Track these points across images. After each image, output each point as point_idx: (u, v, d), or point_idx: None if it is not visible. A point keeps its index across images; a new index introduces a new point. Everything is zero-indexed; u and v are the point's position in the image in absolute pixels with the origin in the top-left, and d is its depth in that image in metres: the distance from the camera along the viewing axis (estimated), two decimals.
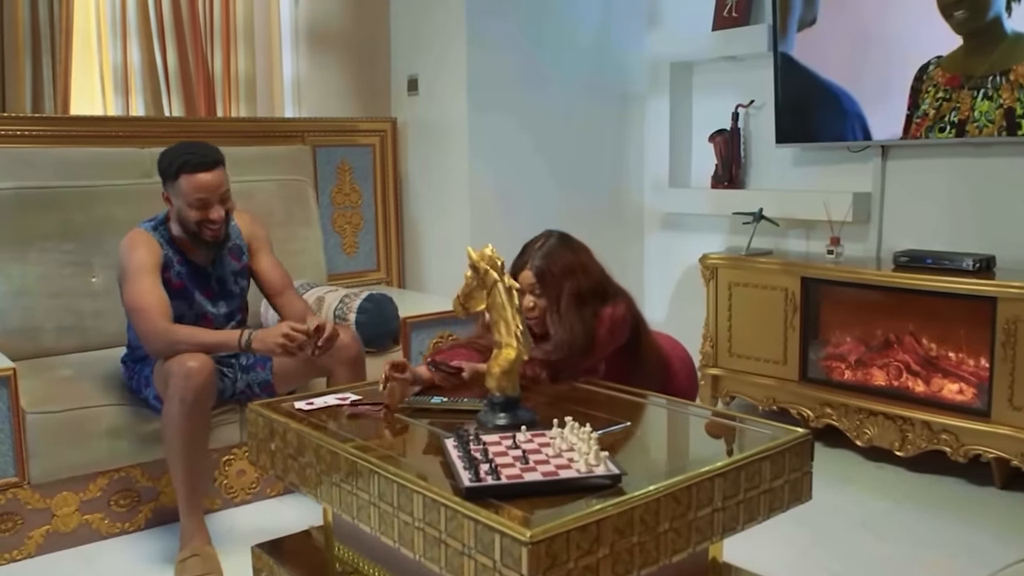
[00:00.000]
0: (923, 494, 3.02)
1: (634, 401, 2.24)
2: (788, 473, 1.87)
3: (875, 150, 3.58)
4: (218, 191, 2.55)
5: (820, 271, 3.38)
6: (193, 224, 2.55)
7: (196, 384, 2.42)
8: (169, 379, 2.44)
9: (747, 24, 3.91)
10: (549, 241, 2.36)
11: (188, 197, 2.51)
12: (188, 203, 2.52)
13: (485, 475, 1.59)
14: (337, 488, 1.86)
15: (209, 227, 2.56)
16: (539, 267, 2.31)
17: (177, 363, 2.43)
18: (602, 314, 2.34)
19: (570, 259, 2.34)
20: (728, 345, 3.68)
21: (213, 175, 2.53)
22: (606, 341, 2.36)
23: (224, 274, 2.72)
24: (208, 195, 2.52)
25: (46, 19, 3.40)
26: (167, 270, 2.58)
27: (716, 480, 1.70)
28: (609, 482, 1.61)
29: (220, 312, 2.71)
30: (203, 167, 2.52)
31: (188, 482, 2.48)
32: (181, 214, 2.55)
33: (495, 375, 1.97)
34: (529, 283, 2.31)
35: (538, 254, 2.33)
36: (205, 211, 2.53)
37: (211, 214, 2.54)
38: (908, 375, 3.20)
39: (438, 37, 4.00)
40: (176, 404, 2.42)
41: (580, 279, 2.32)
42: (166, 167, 2.55)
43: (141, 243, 2.56)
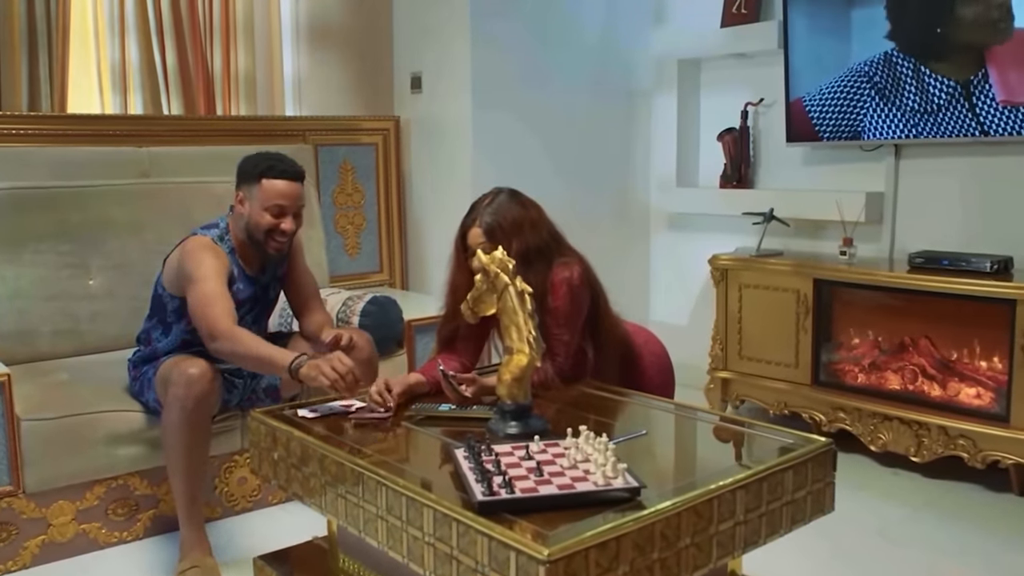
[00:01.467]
0: (940, 501, 2.95)
1: (648, 408, 2.17)
2: (811, 484, 1.81)
3: (888, 149, 3.51)
4: (296, 202, 2.51)
5: (833, 272, 3.32)
6: (263, 231, 2.49)
7: (197, 392, 2.36)
8: (169, 386, 2.38)
9: (757, 21, 3.85)
10: (498, 197, 2.28)
11: (267, 201, 2.46)
12: (265, 207, 2.47)
13: (498, 488, 1.53)
14: (343, 500, 1.79)
15: (277, 238, 2.50)
16: (488, 223, 2.23)
17: (178, 370, 2.38)
18: (554, 278, 2.23)
19: (519, 214, 2.25)
20: (738, 348, 3.61)
21: (296, 186, 2.51)
22: (568, 309, 2.24)
23: (267, 281, 2.68)
24: (287, 203, 2.48)
25: (43, 15, 3.34)
26: (230, 284, 2.50)
27: (738, 492, 1.64)
28: (628, 495, 1.55)
29: (251, 319, 2.64)
30: (289, 175, 2.49)
31: (188, 491, 2.42)
32: (252, 219, 2.49)
33: (506, 382, 1.90)
34: (478, 241, 2.23)
35: (487, 210, 2.25)
36: (279, 219, 2.48)
37: (284, 224, 2.49)
38: (924, 379, 3.14)
39: (442, 34, 3.93)
40: (176, 412, 2.36)
41: (528, 236, 2.24)
42: (250, 168, 2.51)
43: (211, 250, 2.48)
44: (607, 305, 2.38)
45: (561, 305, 2.24)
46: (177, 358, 2.48)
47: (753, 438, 1.97)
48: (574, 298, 2.25)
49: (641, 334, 2.54)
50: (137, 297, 2.99)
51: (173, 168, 3.31)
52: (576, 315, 2.27)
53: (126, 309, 3.04)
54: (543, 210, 2.34)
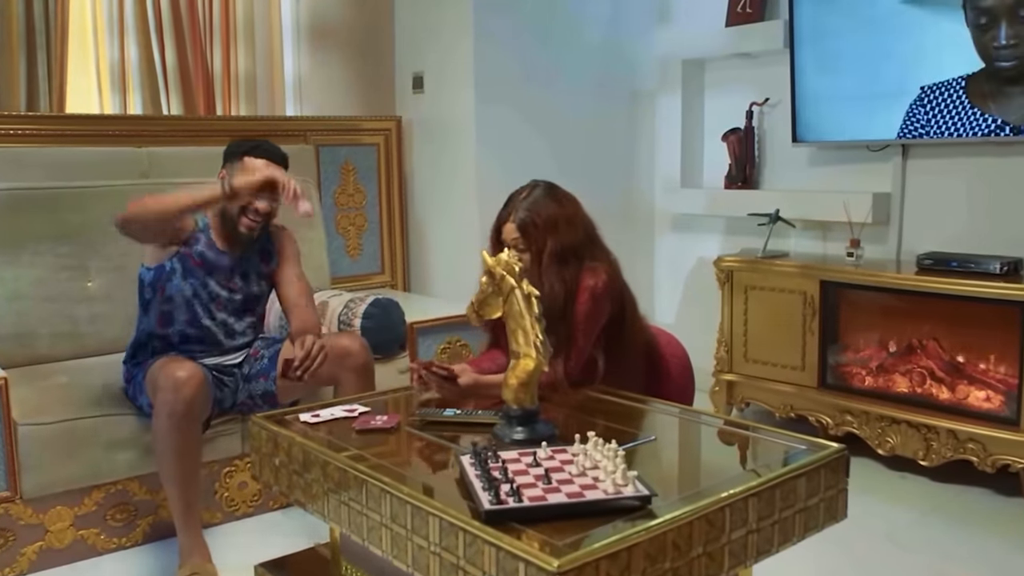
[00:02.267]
0: (949, 505, 2.92)
1: (656, 413, 2.14)
2: (823, 491, 1.78)
3: (895, 149, 3.48)
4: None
5: (840, 274, 3.28)
6: (236, 209, 2.52)
7: (185, 395, 2.32)
8: (157, 391, 2.35)
9: (762, 20, 3.81)
10: (535, 192, 2.24)
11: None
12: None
13: (506, 497, 1.49)
14: (346, 507, 1.75)
15: (250, 216, 2.53)
16: (522, 219, 2.19)
17: (165, 374, 2.34)
18: (581, 285, 2.19)
19: (554, 211, 2.21)
20: (743, 350, 3.58)
21: (275, 168, 2.53)
22: (587, 316, 2.19)
23: (248, 270, 2.66)
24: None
25: (41, 15, 3.31)
26: (190, 244, 2.55)
27: (750, 500, 1.60)
28: (638, 504, 1.51)
29: (231, 306, 2.62)
30: (271, 156, 2.56)
31: (183, 497, 2.38)
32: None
33: (512, 387, 1.87)
34: (512, 237, 2.20)
35: (522, 205, 2.21)
36: (253, 198, 2.50)
37: (258, 203, 2.51)
38: (932, 382, 3.10)
39: (444, 33, 3.90)
40: (164, 418, 2.32)
41: (563, 234, 2.19)
42: (235, 147, 2.59)
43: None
44: (635, 312, 2.34)
45: (581, 311, 2.20)
46: (164, 360, 2.45)
47: (764, 444, 1.93)
48: (595, 306, 2.21)
49: (663, 337, 2.51)
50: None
51: (173, 169, 3.27)
52: (594, 323, 2.23)
53: (125, 311, 2.99)
54: (580, 205, 2.29)
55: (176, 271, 2.55)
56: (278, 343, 2.73)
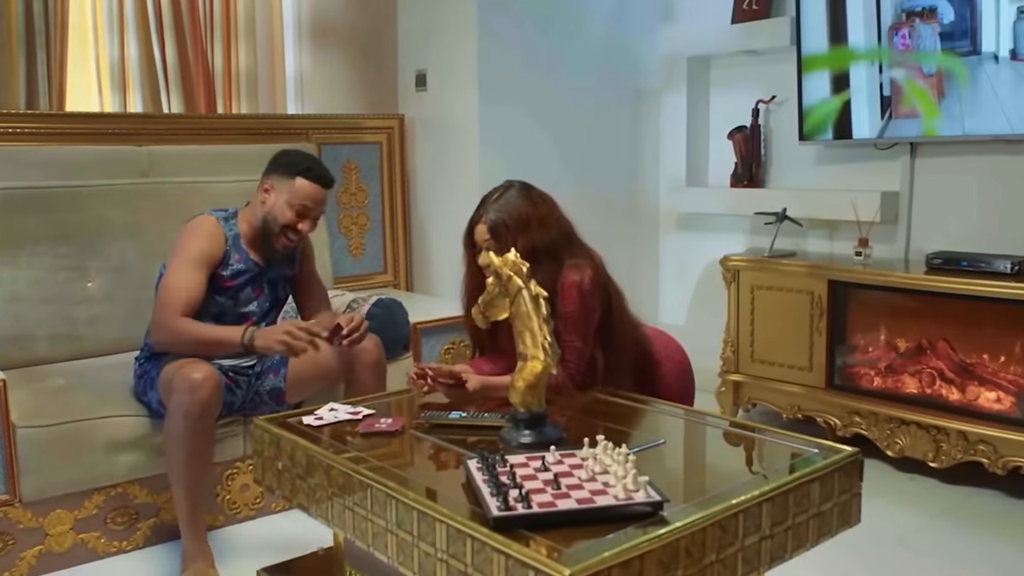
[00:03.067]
0: (959, 508, 2.88)
1: (664, 415, 2.10)
2: (837, 495, 1.75)
3: (903, 147, 3.44)
4: (321, 209, 2.56)
5: (849, 273, 3.24)
6: (279, 226, 2.50)
7: (201, 397, 2.29)
8: (172, 392, 2.32)
9: (768, 17, 3.77)
10: (507, 192, 2.20)
11: (295, 199, 2.49)
12: (291, 204, 2.49)
13: (515, 503, 1.46)
14: (350, 512, 1.72)
15: (290, 235, 2.52)
16: (493, 220, 2.15)
17: (181, 375, 2.31)
18: (564, 281, 2.14)
19: (526, 211, 2.16)
20: (750, 350, 3.54)
21: (325, 193, 2.55)
22: (579, 314, 2.14)
23: (276, 278, 2.65)
24: (314, 207, 2.52)
25: (40, 12, 3.27)
26: (223, 266, 2.51)
27: (764, 506, 1.57)
28: (650, 510, 1.48)
29: (259, 310, 2.61)
30: (325, 182, 2.54)
31: (190, 499, 2.36)
32: (274, 211, 2.51)
33: (519, 389, 1.83)
34: (484, 238, 2.16)
35: (493, 206, 2.17)
36: (300, 220, 2.51)
37: (302, 225, 2.52)
38: (942, 382, 3.06)
39: (447, 30, 3.86)
40: (180, 419, 2.29)
41: (536, 234, 2.14)
42: (288, 162, 2.54)
43: (207, 233, 2.50)
44: (622, 307, 2.29)
45: (571, 310, 2.15)
46: (180, 361, 2.41)
47: (775, 447, 1.90)
48: (584, 303, 2.16)
49: (660, 338, 2.46)
50: (136, 300, 2.93)
51: (173, 168, 3.24)
52: (587, 320, 2.18)
53: (125, 312, 2.98)
54: (556, 205, 2.25)
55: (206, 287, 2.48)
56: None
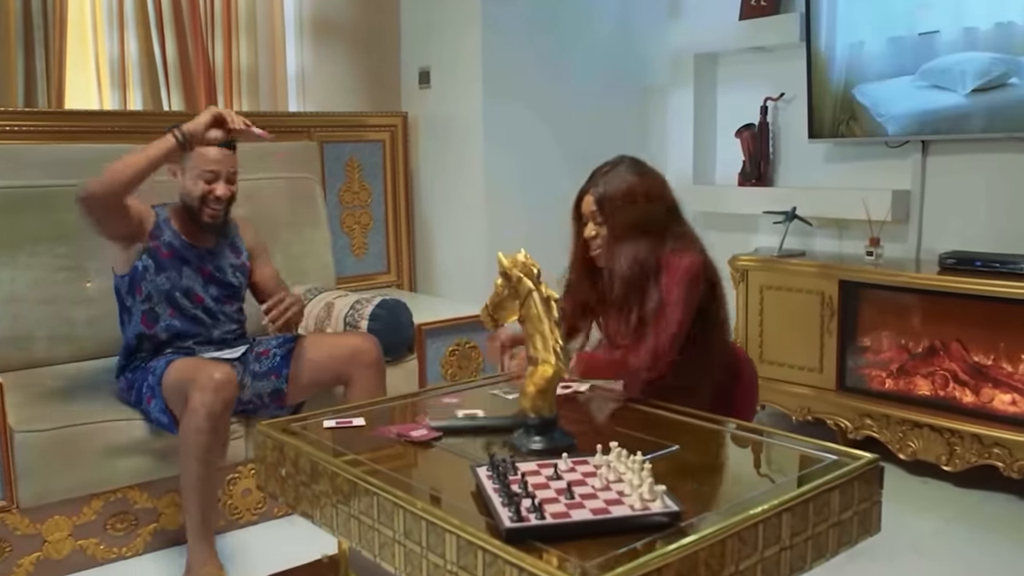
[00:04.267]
0: (973, 513, 2.83)
1: (675, 420, 2.05)
2: (857, 503, 1.70)
3: (914, 146, 3.39)
4: (227, 167, 2.54)
5: (860, 274, 3.19)
6: (197, 199, 2.52)
7: (226, 396, 2.31)
8: (193, 391, 2.29)
9: (777, 13, 3.72)
10: (618, 166, 2.16)
11: (198, 168, 2.50)
12: (197, 174, 2.50)
13: (527, 513, 1.41)
14: (356, 521, 1.67)
15: (212, 205, 2.53)
16: (600, 192, 2.12)
17: (204, 375, 2.30)
18: (676, 259, 2.07)
19: (634, 184, 2.12)
20: (759, 351, 3.49)
21: (226, 153, 2.54)
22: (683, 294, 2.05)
23: (223, 262, 2.64)
24: (218, 168, 2.52)
25: (39, 9, 3.23)
26: (157, 237, 2.53)
27: (784, 515, 1.52)
28: (667, 520, 1.43)
29: (210, 295, 2.60)
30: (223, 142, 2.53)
31: (201, 502, 2.33)
32: (186, 187, 2.53)
33: (530, 394, 1.78)
34: (590, 209, 2.13)
35: (603, 179, 2.14)
36: (212, 185, 2.51)
37: (217, 189, 2.52)
38: (955, 385, 3.01)
39: (451, 26, 3.81)
40: (203, 419, 2.27)
41: (642, 207, 2.10)
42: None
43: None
44: (722, 305, 2.21)
45: (677, 288, 2.06)
46: (188, 362, 2.41)
47: (791, 454, 1.85)
48: (692, 286, 2.07)
49: (740, 354, 2.41)
50: None
51: None
52: (690, 302, 2.08)
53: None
54: (666, 182, 2.20)
55: (149, 268, 2.52)
56: (291, 342, 2.66)
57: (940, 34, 3.15)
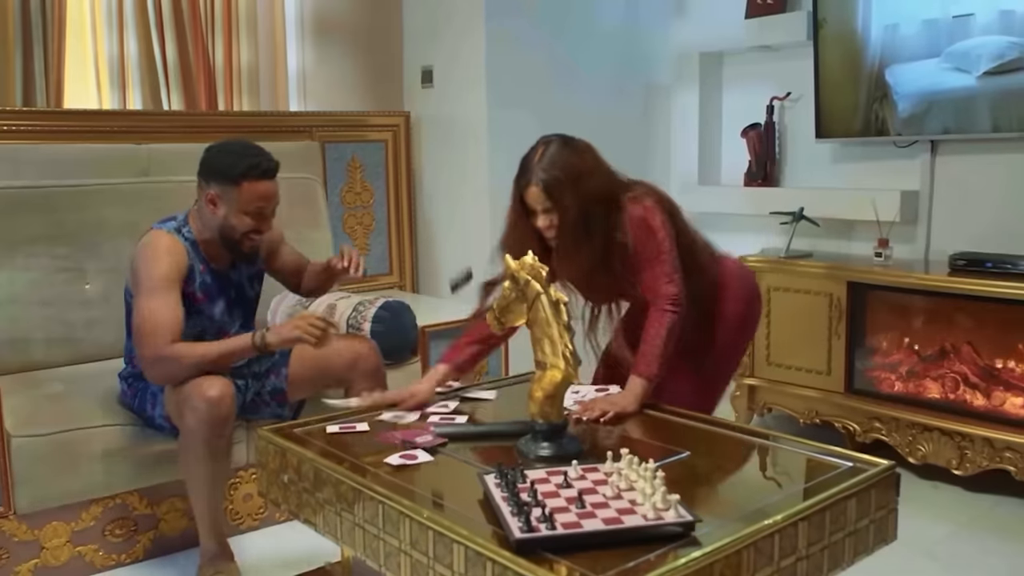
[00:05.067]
0: (986, 518, 2.79)
1: (684, 424, 2.01)
2: (874, 511, 1.66)
3: (923, 145, 3.35)
4: (276, 201, 2.36)
5: (869, 275, 3.15)
6: (239, 234, 2.32)
7: (221, 414, 2.18)
8: (187, 410, 2.19)
9: (784, 11, 3.68)
10: (549, 149, 2.13)
11: (248, 205, 2.29)
12: (246, 211, 2.30)
13: (538, 523, 1.37)
14: (361, 530, 1.63)
15: (253, 237, 2.35)
16: (545, 180, 2.09)
17: (197, 393, 2.18)
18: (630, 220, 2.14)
19: (575, 162, 2.12)
20: (766, 354, 3.45)
21: (276, 185, 2.34)
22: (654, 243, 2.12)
23: (241, 279, 2.52)
24: (269, 205, 2.33)
25: (38, 7, 3.18)
26: (190, 282, 2.33)
27: (800, 525, 1.48)
28: (681, 530, 1.39)
29: (236, 322, 2.50)
30: (270, 174, 2.32)
31: (211, 507, 2.31)
32: (228, 222, 2.31)
33: (537, 399, 1.74)
34: (538, 201, 2.10)
35: (540, 166, 2.11)
36: (260, 222, 2.33)
37: (263, 226, 2.34)
38: (966, 387, 2.97)
39: (454, 25, 3.77)
40: (199, 441, 2.19)
41: (591, 183, 2.11)
42: (225, 167, 2.29)
43: (167, 251, 2.28)
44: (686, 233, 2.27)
45: (645, 245, 2.14)
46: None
47: (804, 460, 1.81)
48: (653, 231, 2.14)
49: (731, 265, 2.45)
50: None
51: (174, 166, 3.14)
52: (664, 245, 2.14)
53: (124, 316, 2.88)
54: (595, 149, 2.21)
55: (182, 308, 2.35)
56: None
57: (974, 17, 3.08)
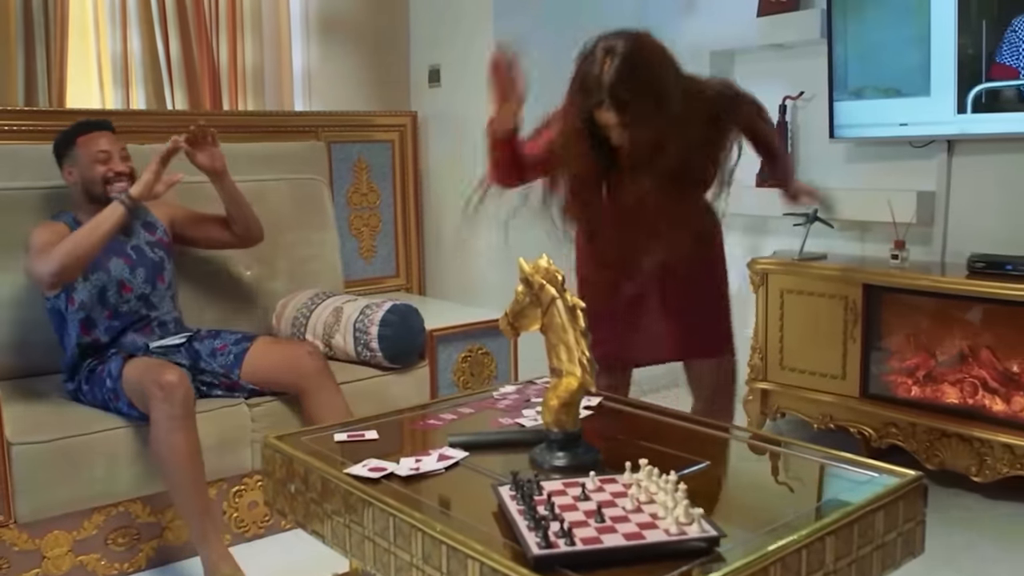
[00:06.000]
0: (1007, 527, 2.73)
1: (700, 432, 1.95)
2: (901, 524, 1.60)
3: (940, 145, 3.29)
4: (117, 148, 2.60)
5: (885, 277, 3.09)
6: (100, 181, 2.54)
7: (181, 397, 2.29)
8: (150, 400, 2.28)
9: (797, 9, 3.63)
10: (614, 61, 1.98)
11: (90, 154, 2.54)
12: (92, 160, 2.54)
13: (556, 539, 1.31)
14: (370, 543, 1.58)
15: (116, 182, 2.54)
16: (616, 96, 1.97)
17: (152, 382, 2.28)
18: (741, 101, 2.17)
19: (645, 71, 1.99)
20: (779, 357, 3.39)
21: (110, 135, 2.61)
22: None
23: (139, 244, 2.65)
24: (109, 147, 2.57)
25: (40, 5, 3.15)
26: None
27: (827, 539, 1.42)
28: (704, 546, 1.33)
29: (139, 279, 2.60)
30: (99, 127, 2.61)
31: (198, 504, 2.29)
32: (86, 176, 2.55)
33: (552, 408, 1.68)
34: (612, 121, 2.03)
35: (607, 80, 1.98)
36: (109, 164, 2.55)
37: (115, 166, 2.56)
38: (985, 392, 2.91)
39: (462, 22, 3.72)
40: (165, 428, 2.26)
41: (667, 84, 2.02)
42: (61, 141, 2.60)
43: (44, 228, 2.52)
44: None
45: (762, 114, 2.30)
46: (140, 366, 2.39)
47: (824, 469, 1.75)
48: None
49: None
50: None
51: (178, 166, 3.08)
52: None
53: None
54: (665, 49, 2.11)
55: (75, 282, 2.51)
56: (247, 340, 2.66)
57: None
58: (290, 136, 3.49)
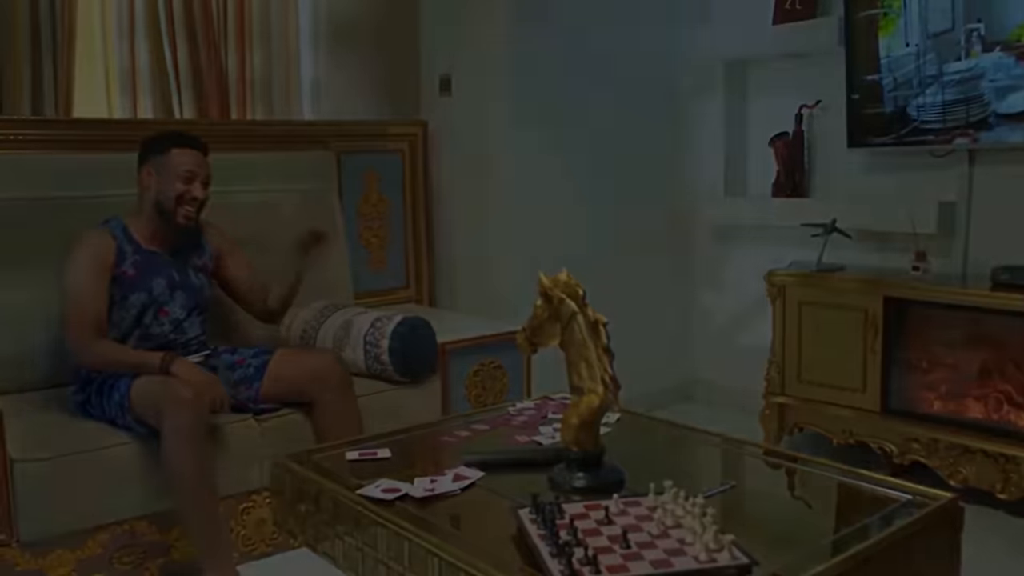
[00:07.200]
0: None
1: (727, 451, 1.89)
2: (938, 547, 1.54)
3: (961, 155, 3.22)
4: (205, 170, 2.57)
5: (907, 290, 3.02)
6: (173, 200, 2.51)
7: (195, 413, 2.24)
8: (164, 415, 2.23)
9: (813, 17, 3.57)
10: None
11: (177, 168, 2.51)
12: (176, 175, 2.51)
13: (580, 567, 1.26)
14: (384, 567, 1.52)
15: (187, 205, 2.53)
16: None
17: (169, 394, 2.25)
18: None
19: None
20: (797, 371, 3.33)
21: (202, 156, 2.58)
22: None
23: (184, 266, 2.62)
24: (196, 169, 2.54)
25: (47, 15, 3.10)
26: (120, 263, 2.50)
27: (863, 566, 1.36)
28: (735, 573, 1.27)
29: (178, 303, 2.57)
30: (197, 145, 2.57)
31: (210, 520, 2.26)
32: (163, 189, 2.52)
33: (573, 426, 1.63)
34: None
35: None
36: (190, 185, 2.52)
37: (194, 190, 2.53)
38: (1010, 407, 2.84)
39: (473, 32, 3.67)
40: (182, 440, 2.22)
41: None
42: (154, 142, 2.57)
43: (88, 241, 2.49)
44: None
45: None
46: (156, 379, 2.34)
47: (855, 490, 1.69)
48: None
49: None
50: None
51: None
52: None
53: None
54: None
55: (117, 299, 2.49)
56: (267, 354, 2.62)
57: None
58: (299, 146, 3.44)
